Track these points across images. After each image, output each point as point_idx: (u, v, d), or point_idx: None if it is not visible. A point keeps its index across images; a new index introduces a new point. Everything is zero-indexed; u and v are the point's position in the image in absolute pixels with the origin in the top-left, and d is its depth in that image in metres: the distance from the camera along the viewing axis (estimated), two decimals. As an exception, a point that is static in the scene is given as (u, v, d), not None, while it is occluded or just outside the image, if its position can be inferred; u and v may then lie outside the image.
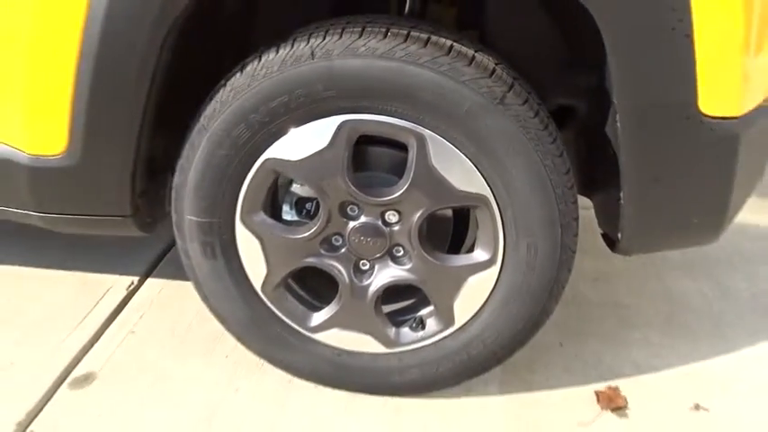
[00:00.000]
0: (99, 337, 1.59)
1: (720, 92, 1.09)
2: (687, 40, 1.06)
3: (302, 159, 1.20)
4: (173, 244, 1.95)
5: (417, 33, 1.14)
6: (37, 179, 1.27)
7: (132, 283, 1.78)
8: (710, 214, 1.23)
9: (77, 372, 1.48)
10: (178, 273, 1.81)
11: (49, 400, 1.40)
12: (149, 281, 1.80)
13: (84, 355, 1.53)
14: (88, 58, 1.14)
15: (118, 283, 1.77)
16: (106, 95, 1.17)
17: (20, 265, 1.84)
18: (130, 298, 1.73)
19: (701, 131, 1.12)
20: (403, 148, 1.21)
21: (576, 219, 1.24)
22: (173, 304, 1.71)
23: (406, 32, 1.13)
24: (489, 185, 1.19)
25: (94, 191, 1.28)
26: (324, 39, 1.14)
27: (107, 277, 1.79)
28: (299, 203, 1.33)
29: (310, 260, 1.30)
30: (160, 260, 1.89)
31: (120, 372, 1.49)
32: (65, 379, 1.46)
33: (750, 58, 1.09)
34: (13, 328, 1.61)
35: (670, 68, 1.08)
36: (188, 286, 1.76)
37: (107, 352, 1.54)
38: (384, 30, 1.14)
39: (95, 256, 1.87)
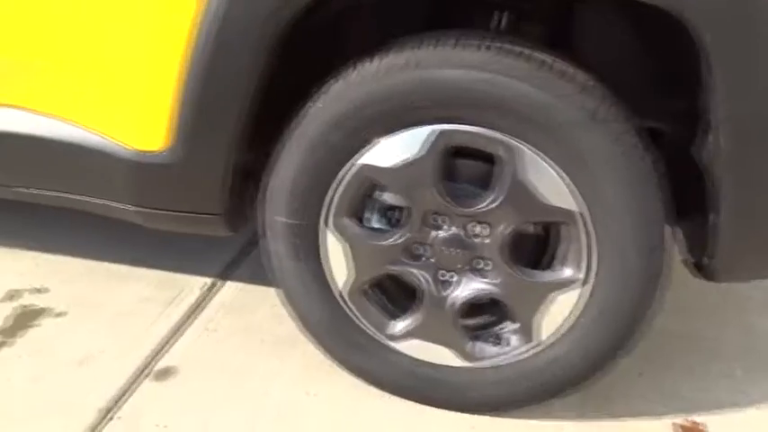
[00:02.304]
0: (175, 333, 1.63)
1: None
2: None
3: (395, 166, 1.22)
4: (247, 248, 2.00)
5: (511, 47, 1.16)
6: (136, 173, 1.33)
7: (207, 284, 1.82)
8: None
9: (159, 365, 1.53)
10: (253, 277, 1.86)
11: (130, 389, 1.45)
12: (225, 283, 1.84)
13: (164, 348, 1.58)
14: (198, 59, 1.20)
15: (194, 283, 1.82)
16: (212, 95, 1.22)
17: (95, 259, 1.90)
18: (206, 297, 1.77)
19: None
20: (489, 160, 1.22)
21: (663, 240, 1.21)
22: (248, 307, 1.74)
23: (499, 46, 1.15)
24: (581, 201, 1.18)
25: (191, 188, 1.33)
26: (419, 49, 1.17)
27: (184, 277, 1.84)
28: (383, 211, 1.34)
29: (393, 268, 1.31)
30: (235, 263, 1.93)
31: (201, 367, 1.53)
32: (147, 371, 1.51)
33: None
34: (96, 320, 1.67)
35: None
36: (262, 291, 1.81)
37: (187, 348, 1.59)
38: (478, 43, 1.16)
39: (172, 255, 1.92)
